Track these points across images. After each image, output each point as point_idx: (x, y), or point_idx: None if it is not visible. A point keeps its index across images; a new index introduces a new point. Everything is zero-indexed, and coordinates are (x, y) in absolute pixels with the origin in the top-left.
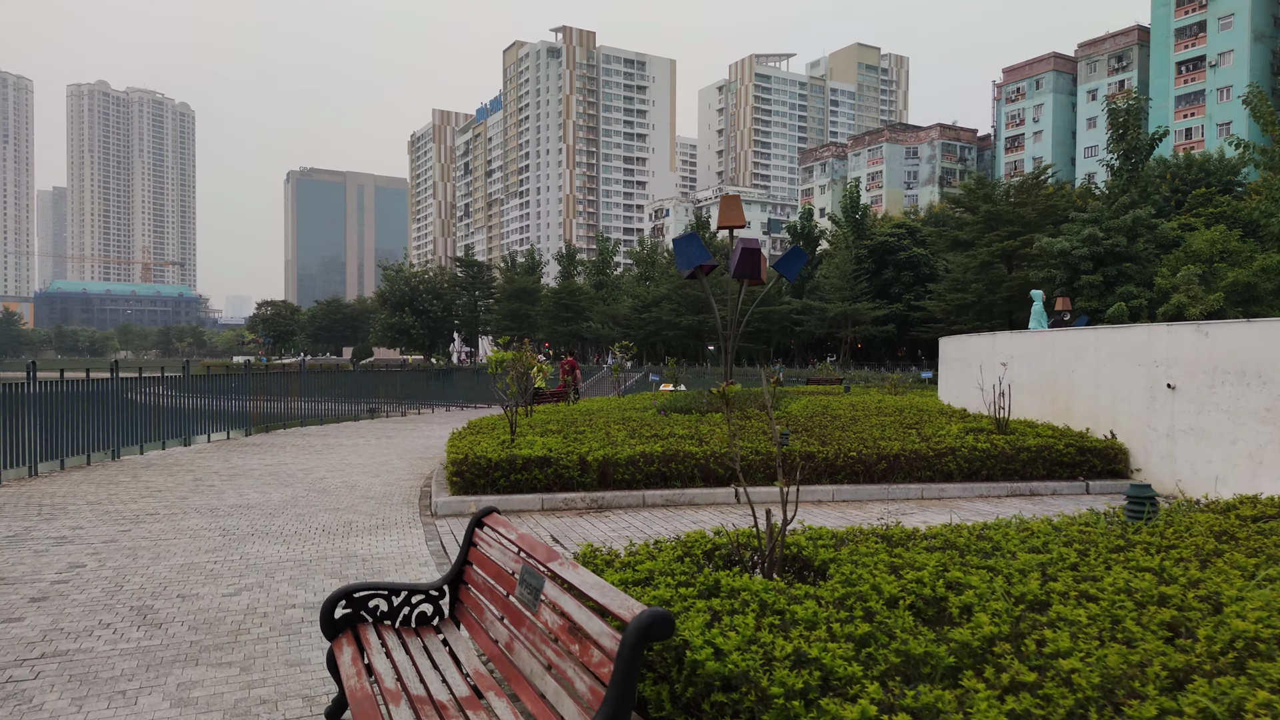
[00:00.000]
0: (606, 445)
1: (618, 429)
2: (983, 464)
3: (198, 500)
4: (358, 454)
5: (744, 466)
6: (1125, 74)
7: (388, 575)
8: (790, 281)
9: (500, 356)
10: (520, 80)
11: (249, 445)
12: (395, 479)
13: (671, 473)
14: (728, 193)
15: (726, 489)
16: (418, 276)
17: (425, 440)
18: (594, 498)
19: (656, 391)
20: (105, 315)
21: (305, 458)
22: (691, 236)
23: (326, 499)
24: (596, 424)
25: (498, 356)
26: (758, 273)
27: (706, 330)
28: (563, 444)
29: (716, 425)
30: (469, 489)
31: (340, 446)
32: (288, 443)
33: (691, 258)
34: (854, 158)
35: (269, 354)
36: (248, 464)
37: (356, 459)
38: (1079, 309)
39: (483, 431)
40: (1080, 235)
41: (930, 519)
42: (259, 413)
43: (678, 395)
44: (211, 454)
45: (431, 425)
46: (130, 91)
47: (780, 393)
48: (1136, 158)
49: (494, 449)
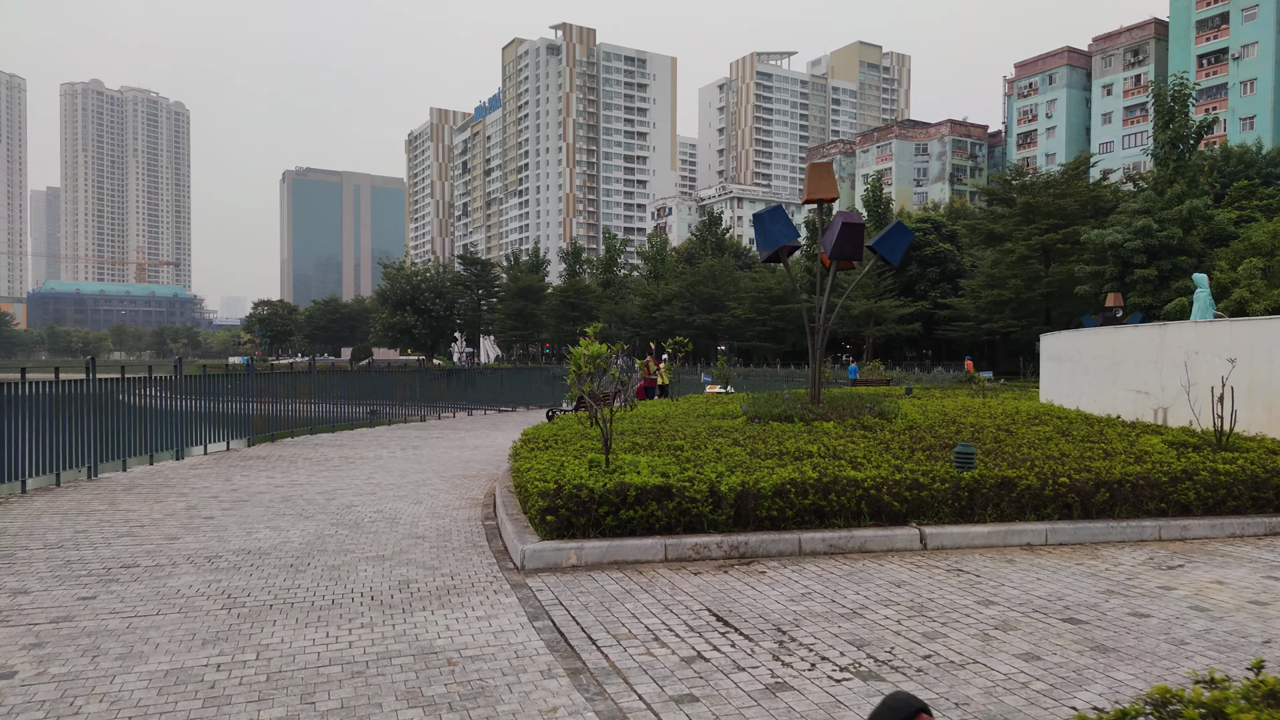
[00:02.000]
0: (736, 469)
1: (724, 443)
2: (1228, 492)
3: (192, 542)
4: (385, 470)
5: (925, 497)
6: (1141, 68)
7: (495, 692)
8: (893, 264)
9: (596, 351)
10: (520, 78)
11: (253, 459)
12: (443, 507)
13: (830, 507)
14: (814, 161)
15: (906, 530)
16: (419, 274)
17: (460, 451)
18: (733, 544)
19: (718, 394)
20: (99, 316)
21: (323, 476)
22: (776, 211)
23: (363, 539)
24: (687, 434)
25: (592, 351)
26: (859, 251)
27: (720, 329)
28: (675, 466)
29: (845, 438)
30: (564, 530)
31: (362, 460)
32: (299, 455)
33: (776, 236)
34: (862, 154)
35: (266, 354)
36: (254, 485)
37: (386, 477)
38: (1131, 305)
39: (554, 446)
40: (1133, 227)
41: (1219, 577)
42: (263, 419)
43: (759, 399)
44: (209, 471)
45: (459, 432)
46: (124, 90)
47: (875, 396)
48: (1183, 146)
49: (589, 474)
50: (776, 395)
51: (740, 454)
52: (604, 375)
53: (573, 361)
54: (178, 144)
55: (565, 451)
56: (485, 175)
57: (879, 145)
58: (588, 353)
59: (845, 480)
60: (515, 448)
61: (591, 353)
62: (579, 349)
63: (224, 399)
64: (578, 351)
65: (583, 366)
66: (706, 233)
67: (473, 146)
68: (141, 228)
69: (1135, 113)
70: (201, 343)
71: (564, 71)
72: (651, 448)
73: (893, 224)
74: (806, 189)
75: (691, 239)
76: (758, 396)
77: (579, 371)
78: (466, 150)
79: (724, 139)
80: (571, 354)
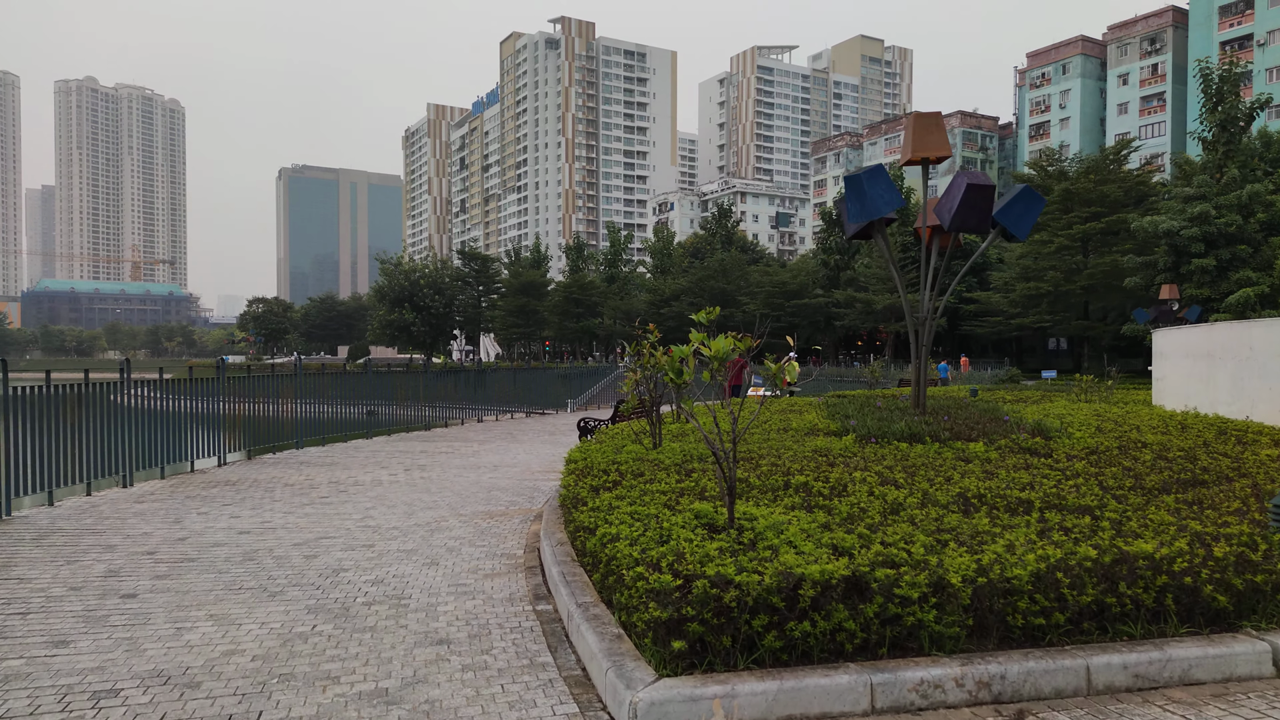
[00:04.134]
0: (944, 536)
1: (867, 479)
2: None
3: (84, 650)
4: (387, 504)
5: (1261, 583)
6: (1159, 57)
7: None
8: (1020, 240)
9: (722, 347)
10: (518, 73)
11: (220, 485)
12: (469, 572)
13: (1118, 606)
14: (916, 110)
15: (1246, 644)
16: (418, 270)
17: (478, 473)
18: (982, 678)
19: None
20: (94, 314)
21: (306, 513)
22: (877, 172)
23: (355, 647)
24: (796, 462)
25: (719, 347)
26: (985, 221)
27: (732, 325)
28: (842, 532)
29: (1025, 469)
30: (696, 658)
31: (356, 487)
32: (279, 479)
33: (876, 203)
34: (870, 147)
35: (260, 353)
36: (211, 529)
37: (388, 516)
38: (1187, 298)
39: (623, 480)
40: (1188, 213)
41: None
42: (238, 431)
43: (857, 410)
44: (159, 505)
45: (472, 445)
46: (119, 88)
47: (992, 406)
48: (1234, 128)
49: (715, 548)
50: (869, 404)
51: (909, 500)
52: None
53: (668, 362)
54: (173, 142)
55: (649, 495)
56: (483, 171)
57: (887, 138)
58: (712, 349)
59: (1139, 559)
60: (567, 485)
61: (718, 349)
62: (642, 345)
63: (192, 406)
64: (685, 349)
65: (679, 375)
66: (716, 225)
67: (470, 142)
68: (137, 226)
69: (1152, 103)
70: (196, 341)
71: (563, 66)
72: (769, 489)
73: (1018, 189)
74: (910, 145)
75: (697, 233)
76: (839, 400)
77: (677, 380)
78: (464, 146)
79: (724, 134)
80: (671, 352)
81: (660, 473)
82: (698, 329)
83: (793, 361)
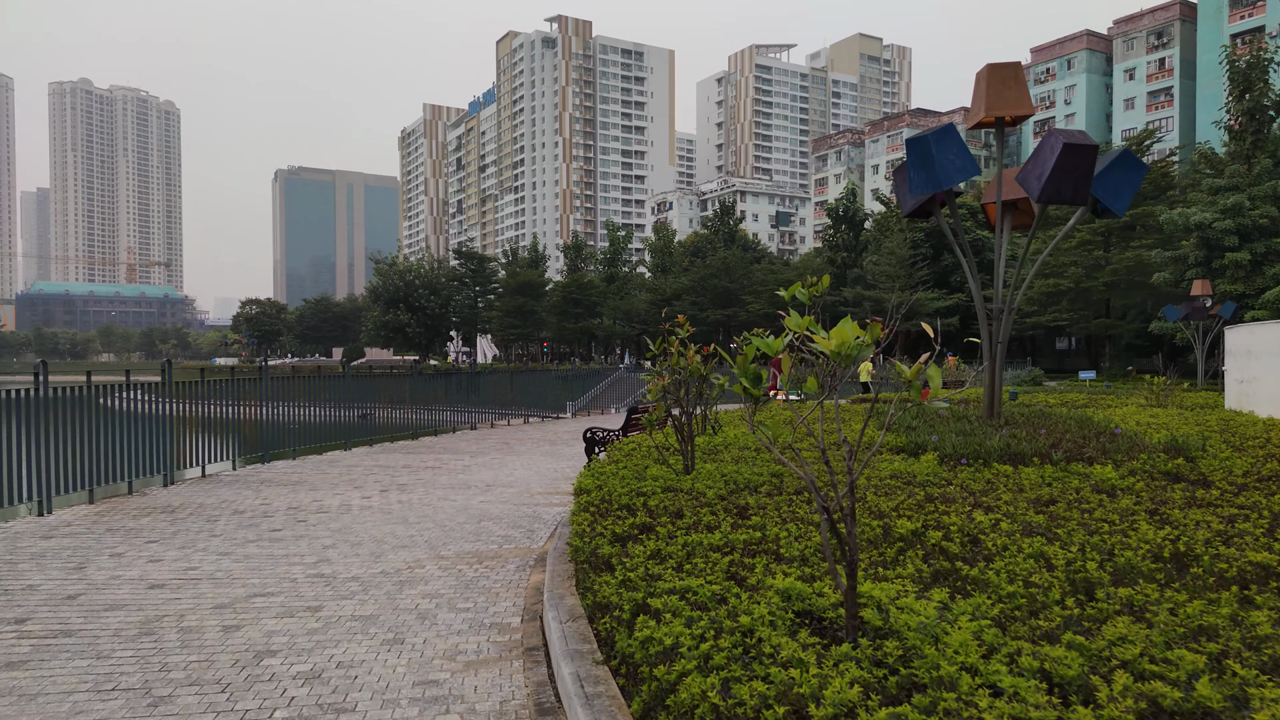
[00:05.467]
0: (1241, 666)
1: (1010, 530)
2: None
3: None
4: (351, 541)
5: None
6: (1166, 51)
7: None
8: (1118, 216)
9: (850, 339)
10: (514, 72)
11: (154, 513)
12: (447, 658)
13: None
14: (990, 63)
15: None
16: (413, 271)
17: (466, 495)
18: None
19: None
20: (88, 317)
21: (245, 554)
22: (947, 134)
23: None
24: (895, 498)
25: (845, 339)
26: (1084, 190)
27: (735, 325)
28: (1051, 647)
29: (1207, 505)
30: None
31: (319, 515)
32: (228, 503)
33: (946, 170)
34: (872, 144)
35: (254, 355)
36: (115, 579)
37: (348, 560)
38: (1220, 294)
39: (659, 522)
40: (1220, 205)
41: None
42: (188, 444)
43: (932, 423)
44: (67, 540)
45: (462, 457)
46: (114, 90)
47: (1082, 414)
48: (1262, 117)
49: (878, 713)
50: (930, 413)
51: (1087, 565)
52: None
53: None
54: (168, 143)
55: (699, 554)
56: (480, 172)
57: (889, 135)
58: (836, 343)
59: None
60: (579, 528)
61: (843, 343)
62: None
63: (139, 419)
64: (770, 340)
65: (753, 384)
66: (719, 223)
67: (467, 143)
68: (132, 228)
69: (1160, 98)
70: (191, 343)
71: (560, 65)
72: (869, 543)
73: (1115, 152)
74: (983, 101)
75: (698, 232)
76: (888, 407)
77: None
78: (461, 146)
79: (723, 133)
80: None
81: (704, 511)
82: (797, 309)
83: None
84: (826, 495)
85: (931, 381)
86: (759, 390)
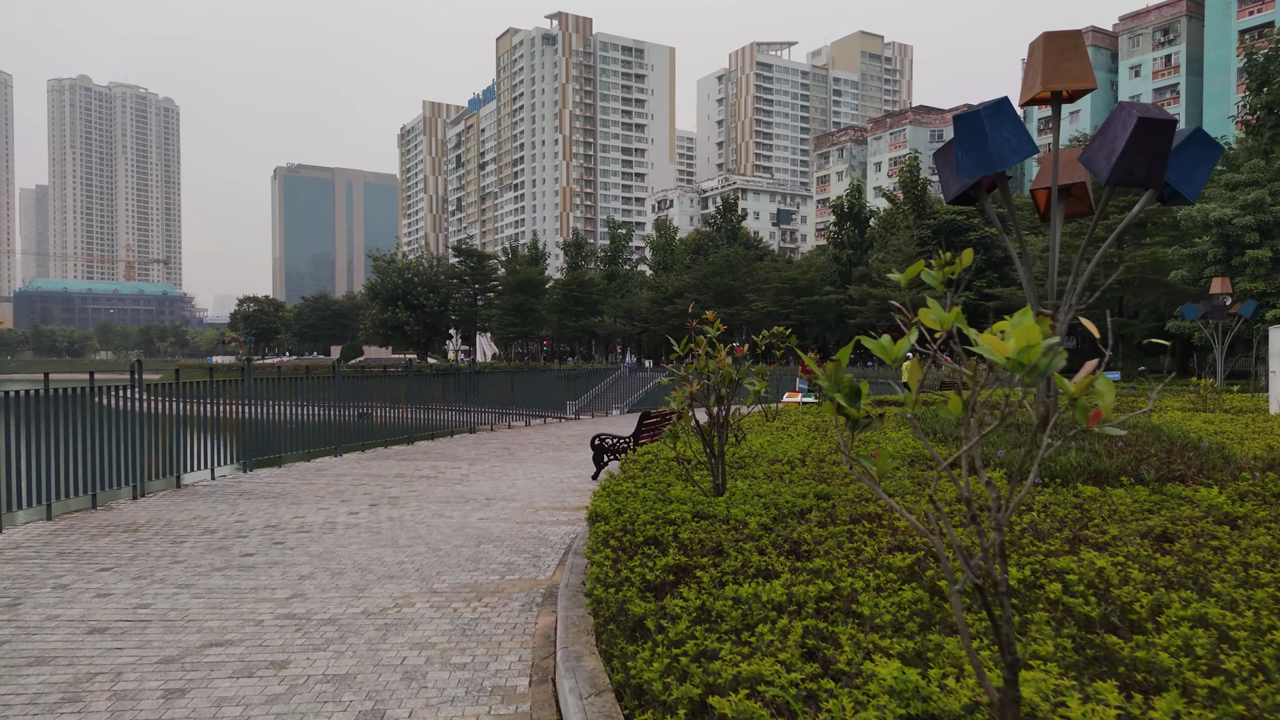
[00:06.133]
0: None
1: (1140, 577)
2: None
3: None
4: (331, 572)
5: None
6: (1172, 48)
7: None
8: (1189, 203)
9: (1031, 340)
10: (514, 69)
11: (115, 532)
12: None
13: None
14: (1047, 30)
15: None
16: (411, 268)
17: (464, 510)
18: None
19: (810, 404)
20: (87, 315)
21: (207, 587)
22: (1001, 109)
23: None
24: (969, 535)
25: (1022, 343)
26: (1159, 170)
27: (739, 323)
28: None
29: None
30: None
31: (299, 537)
32: (198, 521)
33: (1001, 149)
34: (874, 141)
35: (251, 353)
36: (50, 621)
37: (325, 598)
38: (1240, 292)
39: (702, 556)
40: (1239, 200)
41: None
42: (164, 451)
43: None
44: (10, 568)
45: (460, 465)
46: (113, 86)
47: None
48: None
49: None
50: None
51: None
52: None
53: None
54: (167, 140)
55: (757, 612)
56: (480, 169)
57: (892, 132)
58: (1016, 348)
59: None
60: (600, 570)
61: (1031, 346)
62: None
63: (108, 422)
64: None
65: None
66: (722, 220)
67: (466, 140)
68: (131, 225)
69: (1166, 95)
70: (190, 341)
71: (560, 62)
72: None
73: (1187, 131)
74: (1039, 74)
75: (700, 229)
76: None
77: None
78: (460, 144)
79: (723, 131)
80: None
81: (749, 547)
82: (932, 296)
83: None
84: (971, 559)
85: (1104, 399)
86: (859, 410)
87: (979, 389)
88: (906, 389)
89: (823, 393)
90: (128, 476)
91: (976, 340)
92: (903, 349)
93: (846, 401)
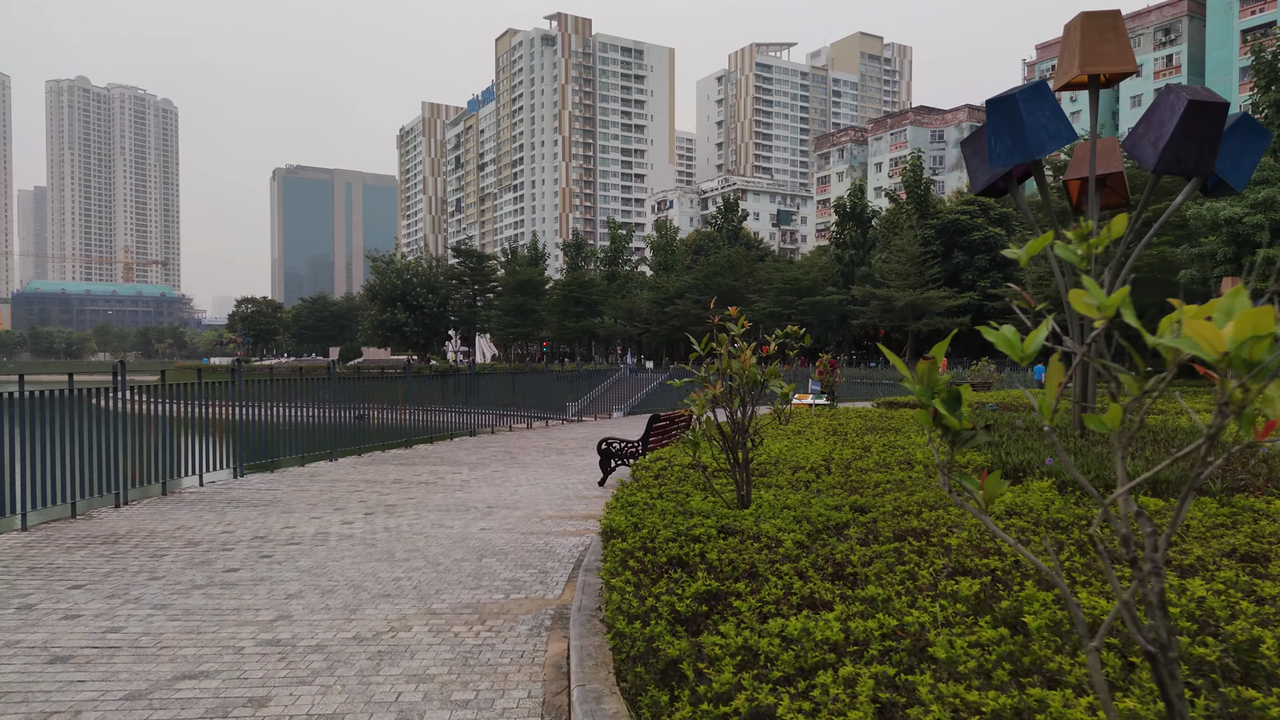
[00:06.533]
0: None
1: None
2: None
3: None
4: (321, 589)
5: None
6: (1174, 48)
7: None
8: (1236, 192)
9: None
10: (514, 70)
11: (94, 543)
12: None
13: None
14: (1085, 10)
15: None
16: (410, 269)
17: (465, 520)
18: None
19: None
20: (85, 316)
21: (185, 607)
22: (1038, 92)
23: None
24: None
25: None
26: (1210, 158)
27: None
28: None
29: None
30: None
31: (288, 549)
32: (182, 532)
33: (1038, 135)
34: (875, 142)
35: (249, 354)
36: (7, 649)
37: (314, 620)
38: (1251, 292)
39: (734, 581)
40: (1252, 199)
41: None
42: (147, 458)
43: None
44: None
45: (460, 470)
46: (111, 88)
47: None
48: None
49: None
50: (1007, 424)
51: None
52: None
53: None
54: (166, 142)
55: (813, 656)
56: (479, 170)
57: (892, 132)
58: (1234, 338)
59: None
60: (620, 597)
61: (1256, 334)
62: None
63: (89, 427)
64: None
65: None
66: (723, 220)
67: (466, 141)
68: (129, 227)
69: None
70: (188, 343)
71: (559, 63)
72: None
73: (1233, 117)
74: (1076, 56)
75: (700, 230)
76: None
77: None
78: (459, 145)
79: (723, 132)
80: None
81: (787, 569)
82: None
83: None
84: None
85: (1274, 406)
86: (960, 420)
87: (1148, 395)
88: (1042, 391)
89: (833, 395)
90: (110, 484)
91: (1162, 329)
92: (1034, 343)
93: (946, 409)
